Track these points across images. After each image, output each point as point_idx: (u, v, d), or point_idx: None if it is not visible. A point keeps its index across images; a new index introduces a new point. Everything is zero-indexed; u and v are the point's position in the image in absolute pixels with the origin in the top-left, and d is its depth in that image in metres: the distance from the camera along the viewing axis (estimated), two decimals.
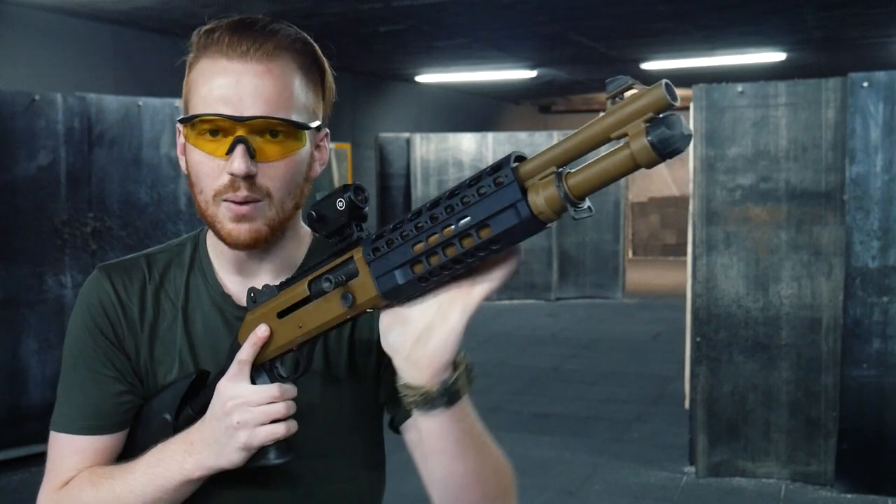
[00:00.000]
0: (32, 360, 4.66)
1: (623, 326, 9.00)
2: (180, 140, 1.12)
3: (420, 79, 11.82)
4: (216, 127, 1.04)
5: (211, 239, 1.19)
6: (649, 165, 0.75)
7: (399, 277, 0.91)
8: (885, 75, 3.97)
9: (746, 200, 4.29)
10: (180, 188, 5.03)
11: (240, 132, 1.03)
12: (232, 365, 1.05)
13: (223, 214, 1.06)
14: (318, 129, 1.11)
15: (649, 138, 0.74)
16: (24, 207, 4.60)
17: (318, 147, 1.13)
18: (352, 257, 0.96)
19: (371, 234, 0.96)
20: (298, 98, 1.06)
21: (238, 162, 1.02)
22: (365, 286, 0.95)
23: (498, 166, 0.83)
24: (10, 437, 4.51)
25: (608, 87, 0.77)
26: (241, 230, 1.06)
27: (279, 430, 1.02)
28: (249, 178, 1.04)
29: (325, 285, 0.97)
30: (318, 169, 1.13)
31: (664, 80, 0.74)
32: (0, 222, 4.54)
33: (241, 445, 1.02)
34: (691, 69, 10.73)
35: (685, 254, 5.07)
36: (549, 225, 0.82)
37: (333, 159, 9.88)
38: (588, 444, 5.06)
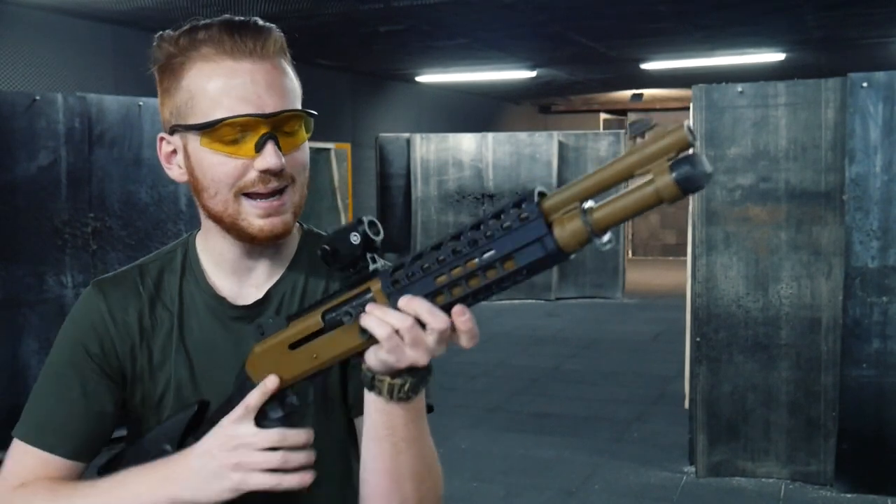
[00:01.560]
0: (33, 360, 4.66)
1: (623, 326, 9.00)
2: (168, 147, 1.12)
3: (420, 79, 11.81)
4: (241, 127, 1.04)
5: (201, 243, 1.18)
6: (672, 201, 0.79)
7: None
8: (884, 75, 3.97)
9: (746, 200, 4.29)
10: (181, 188, 5.03)
11: (265, 129, 1.04)
12: (238, 407, 1.04)
13: (248, 211, 1.07)
14: None
15: (674, 176, 0.78)
16: (24, 207, 4.60)
17: None
18: (369, 289, 0.97)
19: (388, 266, 0.98)
20: (296, 91, 1.10)
21: (272, 157, 1.04)
22: None
23: (521, 200, 0.86)
24: (10, 438, 4.51)
25: (630, 128, 0.84)
26: (276, 223, 1.07)
27: (271, 480, 1.00)
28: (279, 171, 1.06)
29: (346, 319, 0.98)
30: None
31: (686, 122, 0.80)
32: (0, 222, 4.54)
33: (231, 486, 1.01)
34: (691, 69, 10.72)
35: (685, 254, 5.07)
36: (571, 256, 0.86)
37: (333, 159, 9.86)
38: (588, 444, 5.06)
